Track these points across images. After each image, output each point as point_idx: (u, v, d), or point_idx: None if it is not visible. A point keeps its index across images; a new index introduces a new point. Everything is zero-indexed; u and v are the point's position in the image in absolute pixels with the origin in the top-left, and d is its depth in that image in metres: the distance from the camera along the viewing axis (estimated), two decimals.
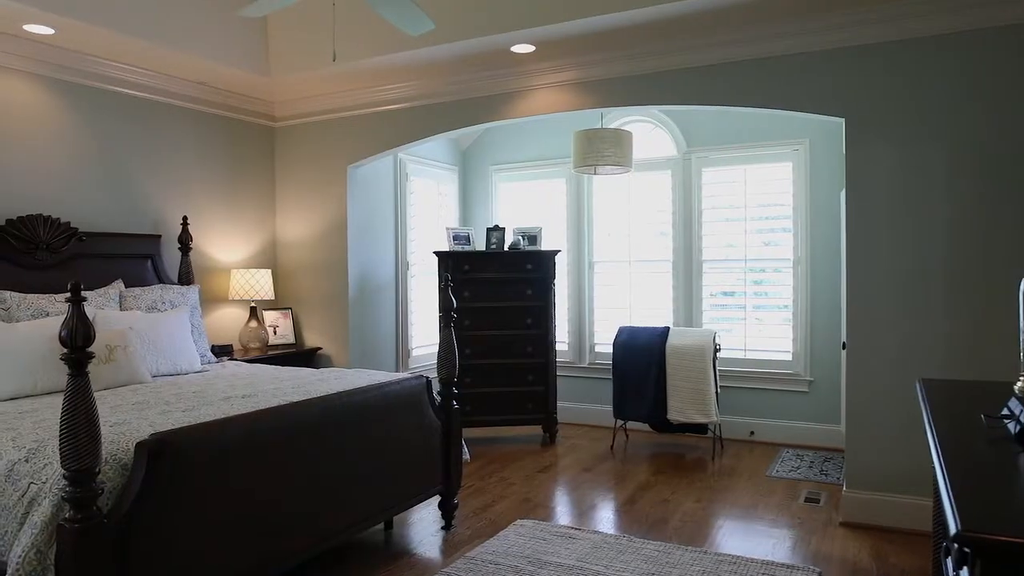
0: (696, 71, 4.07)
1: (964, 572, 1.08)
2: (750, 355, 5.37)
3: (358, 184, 5.32)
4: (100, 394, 3.15)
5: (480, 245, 6.03)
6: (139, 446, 2.18)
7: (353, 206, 5.25)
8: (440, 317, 3.62)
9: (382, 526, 3.67)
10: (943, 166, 3.48)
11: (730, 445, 5.26)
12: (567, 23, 3.76)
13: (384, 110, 5.05)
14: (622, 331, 5.23)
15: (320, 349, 5.29)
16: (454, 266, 5.25)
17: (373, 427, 3.12)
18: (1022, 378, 1.78)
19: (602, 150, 4.77)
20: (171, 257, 4.67)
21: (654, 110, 5.61)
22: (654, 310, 5.74)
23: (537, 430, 5.71)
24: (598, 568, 3.06)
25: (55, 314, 3.55)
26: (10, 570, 2.03)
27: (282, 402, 2.90)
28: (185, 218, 4.64)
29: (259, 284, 4.96)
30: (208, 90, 4.88)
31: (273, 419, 2.63)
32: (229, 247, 5.13)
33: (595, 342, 6.01)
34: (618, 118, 5.82)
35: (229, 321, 5.10)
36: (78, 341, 1.95)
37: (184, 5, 4.14)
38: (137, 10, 3.89)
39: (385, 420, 3.19)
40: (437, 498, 3.67)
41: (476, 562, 3.13)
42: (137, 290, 4.08)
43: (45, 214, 3.93)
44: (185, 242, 4.61)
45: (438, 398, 3.63)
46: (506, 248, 5.46)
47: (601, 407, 5.91)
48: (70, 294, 1.96)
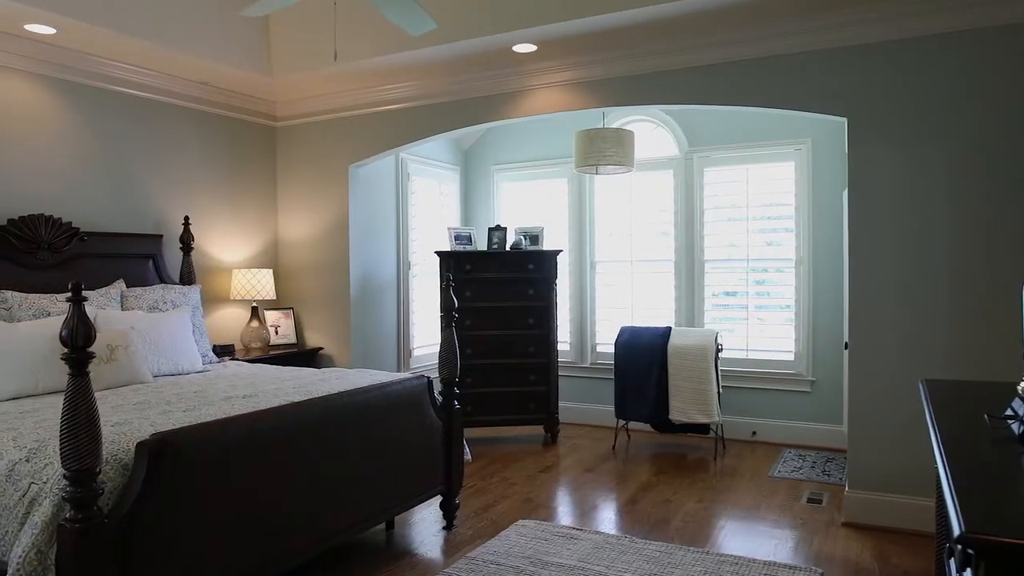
0: (697, 71, 4.06)
1: (968, 574, 1.07)
2: (752, 355, 5.36)
3: (360, 184, 5.32)
4: (101, 394, 3.15)
5: (482, 245, 6.02)
6: (140, 446, 2.18)
7: (355, 206, 5.25)
8: (441, 317, 3.62)
9: (383, 526, 3.67)
10: (945, 166, 3.47)
11: (732, 445, 5.25)
12: (568, 22, 3.75)
13: (386, 110, 5.05)
14: (624, 331, 5.22)
15: (322, 349, 5.29)
16: (456, 266, 5.25)
17: (374, 427, 3.11)
18: None
19: (604, 150, 4.76)
20: (173, 257, 4.67)
21: (656, 110, 5.60)
22: (656, 310, 5.74)
23: (539, 430, 5.71)
24: (600, 568, 3.06)
25: (56, 314, 3.55)
26: (10, 570, 2.02)
27: (283, 402, 2.89)
28: (187, 218, 4.64)
29: (261, 284, 4.96)
30: (210, 90, 4.88)
31: (274, 419, 2.63)
32: (231, 247, 5.13)
33: (597, 342, 6.00)
34: (620, 118, 5.81)
35: (231, 321, 5.10)
36: (79, 341, 1.95)
37: (185, 5, 4.14)
38: (138, 10, 3.89)
39: (386, 420, 3.19)
40: (438, 498, 3.66)
41: (477, 562, 3.13)
42: (139, 290, 4.08)
43: (47, 214, 3.93)
44: (187, 242, 4.61)
45: (439, 398, 3.62)
46: (508, 248, 5.45)
47: (603, 407, 5.90)
48: (71, 294, 1.96)
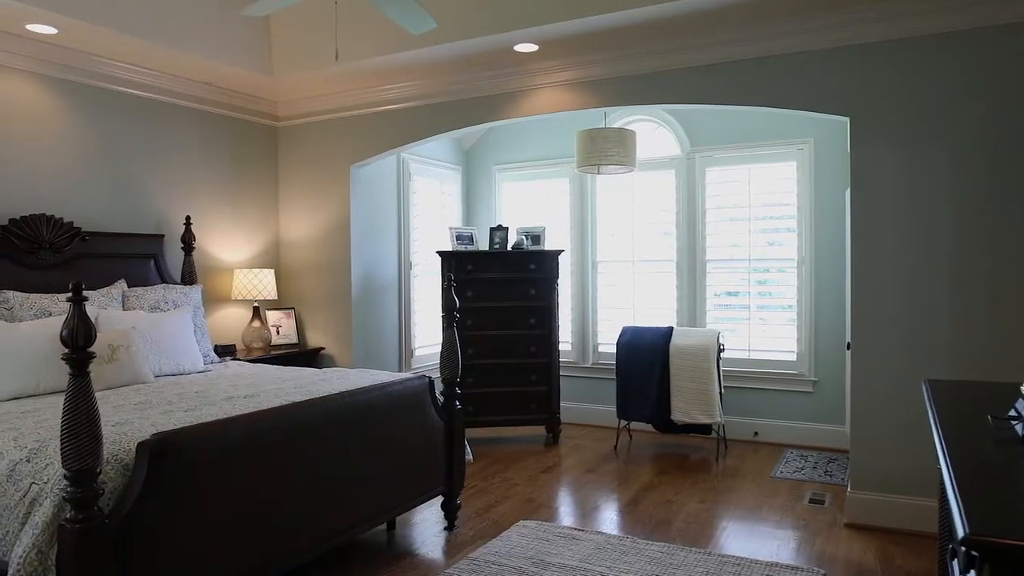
0: (697, 70, 4.05)
1: (971, 575, 1.06)
2: (754, 355, 5.35)
3: (361, 184, 5.31)
4: (103, 394, 3.15)
5: (483, 245, 6.02)
6: (141, 446, 2.18)
7: (356, 206, 5.24)
8: (443, 317, 3.61)
9: (385, 526, 3.66)
10: (948, 165, 3.46)
11: (734, 446, 5.24)
12: (569, 22, 3.75)
13: (387, 110, 5.05)
14: (626, 331, 5.21)
15: (323, 349, 5.29)
16: (457, 266, 5.24)
17: (376, 427, 3.11)
18: None
19: (605, 150, 4.75)
20: (174, 257, 4.67)
21: (658, 109, 5.60)
22: (658, 310, 5.73)
23: (540, 430, 5.70)
24: (601, 569, 3.05)
25: (58, 314, 3.55)
26: (11, 570, 2.02)
27: (284, 402, 2.89)
28: (188, 218, 4.64)
29: (262, 284, 4.96)
30: (212, 90, 4.88)
31: (275, 419, 2.63)
32: (232, 247, 5.13)
33: (599, 342, 5.99)
34: (621, 117, 5.80)
35: (232, 321, 5.10)
36: (79, 341, 1.94)
37: (187, 5, 4.14)
38: (140, 10, 3.89)
39: (388, 420, 3.18)
40: (440, 498, 3.66)
41: (479, 563, 3.12)
42: (140, 290, 4.08)
43: (48, 214, 3.93)
44: (188, 242, 4.61)
45: (441, 398, 3.62)
46: (509, 248, 5.45)
47: (605, 407, 5.89)
48: (71, 294, 1.96)
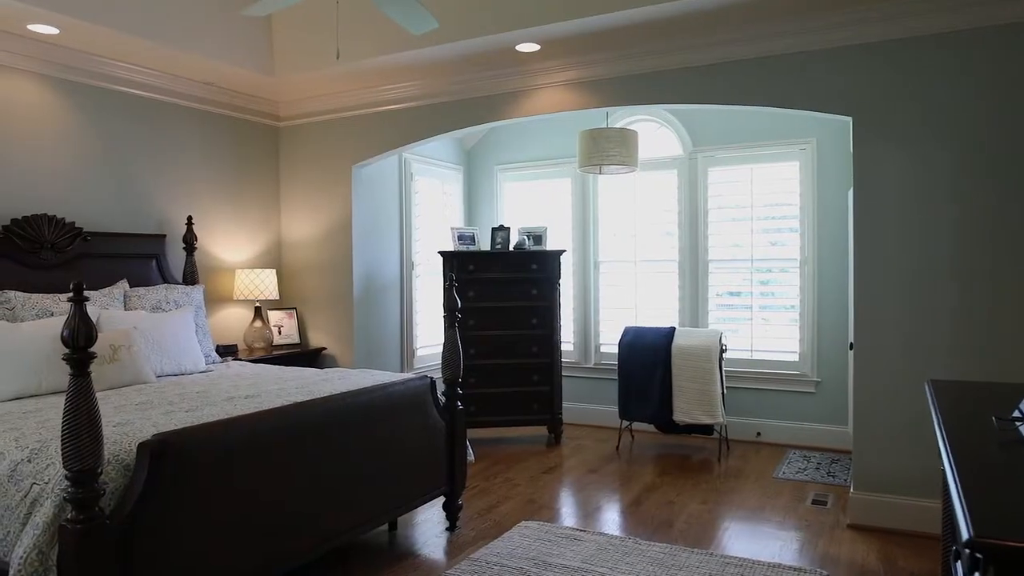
0: (697, 70, 4.04)
1: None
2: (756, 355, 5.34)
3: (363, 184, 5.31)
4: (104, 394, 3.15)
5: (485, 245, 6.01)
6: (141, 446, 2.17)
7: (358, 206, 5.24)
8: (445, 317, 3.61)
9: (386, 527, 3.66)
10: (950, 165, 3.45)
11: (736, 446, 5.23)
12: (569, 22, 3.74)
13: (388, 110, 5.04)
14: (628, 331, 5.20)
15: (325, 349, 5.29)
16: (459, 266, 5.24)
17: (377, 428, 3.10)
18: None
19: (607, 150, 4.75)
20: (176, 257, 4.67)
21: (660, 109, 5.59)
22: (660, 310, 5.72)
23: (542, 431, 5.70)
24: (603, 570, 3.04)
25: (59, 314, 3.55)
26: (12, 571, 2.02)
27: (286, 402, 2.89)
28: (190, 218, 4.64)
29: (264, 284, 4.96)
30: (213, 90, 4.88)
31: (277, 420, 2.62)
32: (234, 247, 5.13)
33: (600, 342, 5.98)
34: (623, 117, 5.79)
35: (234, 321, 5.10)
36: (80, 341, 1.94)
37: (188, 5, 4.14)
38: (141, 10, 3.89)
39: (389, 421, 3.18)
40: (441, 499, 3.65)
41: (480, 564, 3.12)
42: (142, 290, 4.08)
43: (50, 214, 3.93)
44: (190, 242, 4.61)
45: (442, 398, 3.61)
46: (511, 248, 5.44)
47: (607, 408, 5.89)
48: (72, 294, 1.95)
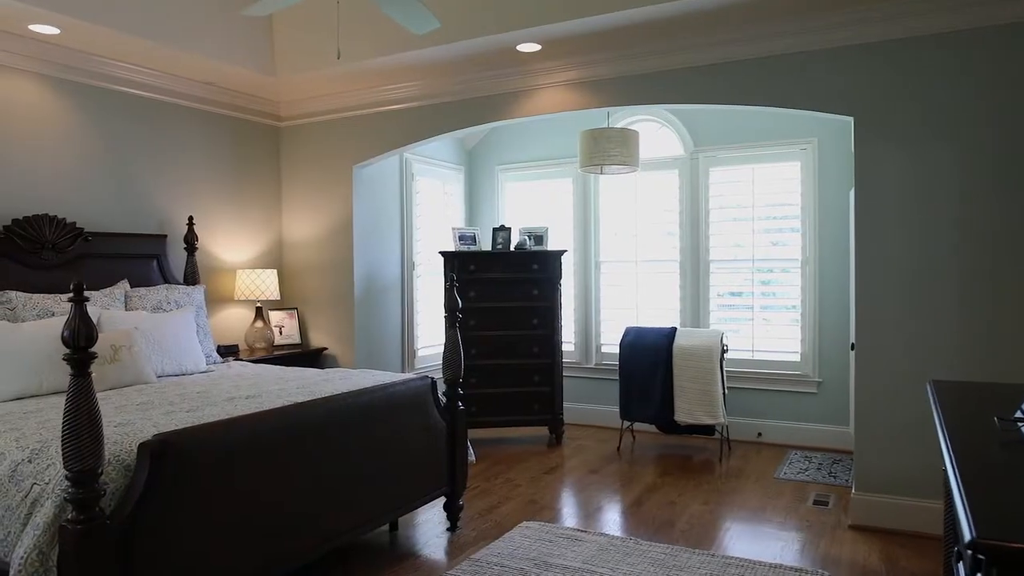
0: (698, 70, 4.04)
1: None
2: (758, 356, 5.33)
3: (364, 184, 5.31)
4: (105, 394, 3.15)
5: (486, 245, 6.01)
6: (142, 447, 2.17)
7: (359, 206, 5.24)
8: (445, 317, 3.61)
9: (387, 527, 3.66)
10: (952, 165, 3.44)
11: (737, 447, 5.23)
12: (570, 22, 3.73)
13: (389, 110, 5.04)
14: (629, 331, 5.20)
15: (326, 349, 5.28)
16: (460, 266, 5.23)
17: (378, 428, 3.10)
18: None
19: (608, 150, 4.74)
20: (177, 257, 4.67)
21: (661, 109, 5.58)
22: (661, 310, 5.71)
23: (543, 431, 5.69)
24: (604, 571, 3.04)
25: (60, 314, 3.55)
26: (12, 571, 2.02)
27: (287, 403, 2.89)
28: (191, 218, 4.64)
29: (265, 284, 4.95)
30: (214, 90, 4.88)
31: (278, 420, 2.62)
32: (235, 247, 5.13)
33: (601, 342, 5.98)
34: (624, 117, 5.79)
35: (235, 321, 5.10)
36: (80, 341, 1.94)
37: (188, 5, 4.14)
38: (142, 10, 3.89)
39: (390, 421, 3.17)
40: (442, 499, 3.65)
41: (481, 564, 3.11)
42: (143, 290, 4.08)
43: (51, 214, 3.93)
44: (191, 242, 4.61)
45: (443, 399, 3.61)
46: (512, 248, 5.44)
47: (608, 408, 5.88)
48: (72, 294, 1.95)
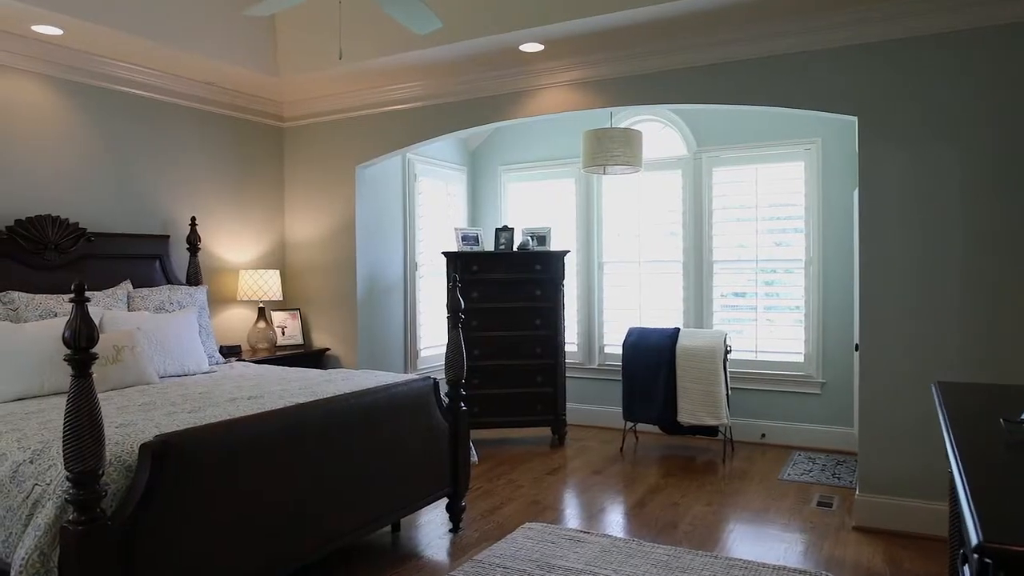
0: (700, 70, 4.03)
1: None
2: (761, 356, 5.32)
3: (366, 184, 5.30)
4: (107, 395, 3.15)
5: (489, 246, 6.00)
6: (143, 448, 2.17)
7: (361, 206, 5.23)
8: (448, 318, 3.60)
9: (389, 528, 3.65)
10: (956, 165, 3.43)
11: (741, 448, 5.21)
12: (572, 22, 3.73)
13: (392, 110, 5.03)
14: (632, 332, 5.19)
15: (328, 350, 5.28)
16: (462, 267, 5.23)
17: (380, 429, 3.09)
18: None
19: (611, 150, 4.73)
20: (179, 257, 4.67)
21: (664, 109, 5.57)
22: (664, 311, 5.70)
23: (546, 432, 5.68)
24: (607, 572, 3.02)
25: (63, 315, 3.55)
26: (13, 572, 2.01)
27: (289, 403, 2.88)
28: (193, 218, 4.64)
29: (267, 285, 4.95)
30: (216, 90, 4.88)
31: (279, 420, 2.61)
32: (237, 247, 5.13)
33: (604, 343, 5.97)
34: (627, 117, 5.78)
35: (237, 322, 5.09)
36: (81, 342, 1.93)
37: (191, 5, 4.14)
38: (144, 10, 3.89)
39: (392, 422, 3.17)
40: (445, 500, 3.64)
41: (484, 565, 3.11)
42: (145, 291, 4.08)
43: (53, 214, 3.93)
44: (193, 243, 4.60)
45: (446, 399, 3.60)
46: (515, 248, 5.43)
47: (611, 409, 5.87)
48: (74, 295, 1.95)
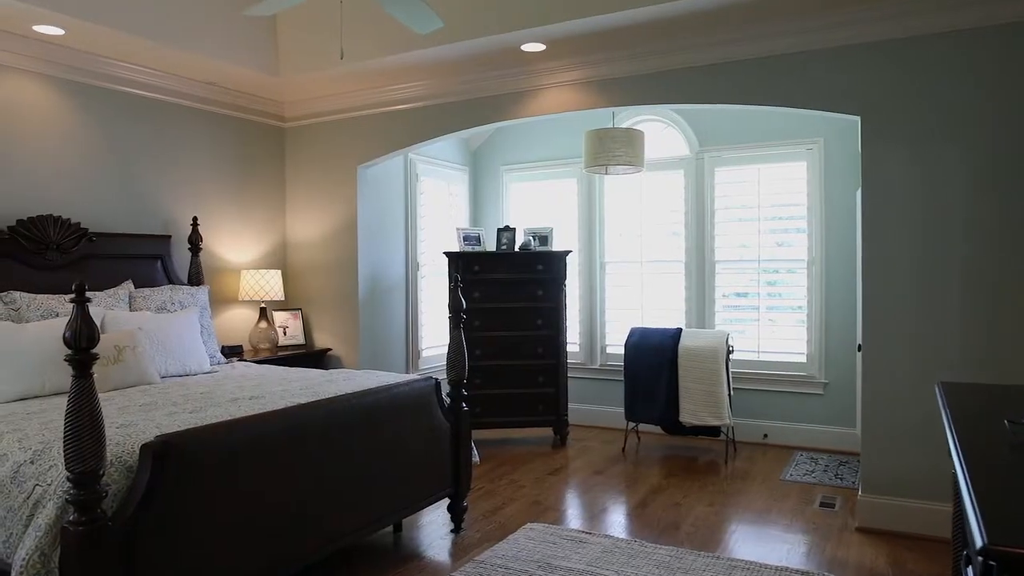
0: (702, 70, 4.02)
1: None
2: (763, 357, 5.30)
3: (368, 184, 5.30)
4: (108, 395, 3.15)
5: (490, 246, 6.00)
6: (144, 448, 2.16)
7: (363, 206, 5.23)
8: (450, 318, 3.59)
9: (391, 529, 3.64)
10: (959, 165, 3.42)
11: (743, 448, 5.20)
12: (573, 22, 3.72)
13: (394, 110, 5.03)
14: (634, 332, 5.18)
15: (330, 350, 5.28)
16: (464, 267, 5.22)
17: (382, 429, 3.09)
18: None
19: (613, 150, 4.72)
20: (181, 257, 4.67)
21: (666, 109, 5.56)
22: (666, 311, 5.69)
23: (548, 432, 5.67)
24: (609, 573, 3.02)
25: (64, 315, 3.55)
26: (14, 572, 2.01)
27: (290, 404, 2.87)
28: (195, 218, 4.64)
29: (269, 285, 4.95)
30: (218, 90, 4.88)
31: (281, 421, 2.61)
32: (239, 247, 5.13)
33: (607, 343, 5.96)
34: (630, 117, 5.77)
35: (239, 322, 5.09)
36: (82, 342, 1.93)
37: (192, 5, 4.14)
38: (145, 10, 3.89)
39: (394, 422, 3.16)
40: (446, 501, 3.64)
41: (485, 566, 3.10)
42: (147, 290, 4.08)
43: (55, 214, 3.93)
44: (195, 242, 4.60)
45: (447, 399, 3.60)
46: (516, 249, 5.42)
47: (613, 409, 5.86)
48: (74, 295, 1.94)
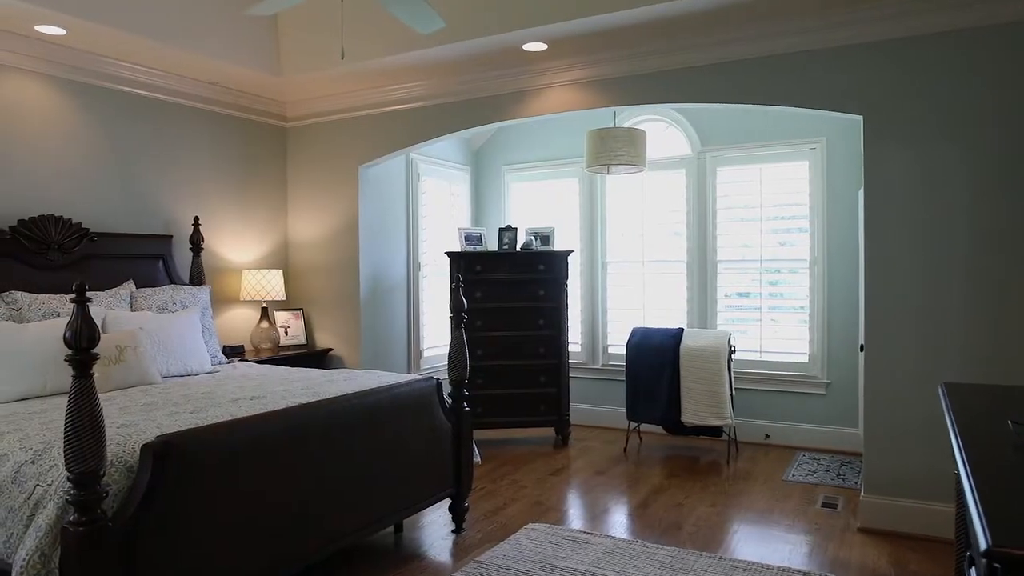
0: (703, 69, 4.02)
1: None
2: (765, 357, 5.30)
3: (370, 184, 5.30)
4: (110, 395, 3.15)
5: (492, 245, 5.99)
6: (144, 448, 2.16)
7: (365, 206, 5.23)
8: (451, 318, 3.59)
9: (392, 529, 3.64)
10: (961, 164, 3.41)
11: (745, 448, 5.19)
12: (574, 21, 3.72)
13: (395, 110, 5.03)
14: (635, 332, 5.17)
15: (332, 350, 5.27)
16: (466, 267, 5.22)
17: (383, 429, 3.08)
18: None
19: (615, 149, 4.72)
20: (182, 257, 4.67)
21: (668, 109, 5.55)
22: (668, 311, 5.68)
23: (549, 432, 5.67)
24: (610, 574, 3.01)
25: (66, 315, 3.55)
26: (15, 573, 2.01)
27: (291, 404, 2.87)
28: (197, 218, 4.64)
29: (270, 285, 4.95)
30: (219, 90, 4.88)
31: (282, 421, 2.61)
32: (240, 247, 5.12)
33: (608, 343, 5.95)
34: (631, 117, 5.76)
35: (240, 322, 5.09)
36: (82, 342, 1.92)
37: (193, 5, 4.14)
38: (146, 10, 3.88)
39: (395, 422, 3.16)
40: (448, 501, 3.64)
41: (486, 566, 3.09)
42: (148, 290, 4.08)
43: (56, 214, 3.93)
44: (196, 242, 4.60)
45: (449, 400, 3.59)
46: (518, 248, 5.42)
47: (614, 409, 5.85)
48: (75, 295, 1.94)
